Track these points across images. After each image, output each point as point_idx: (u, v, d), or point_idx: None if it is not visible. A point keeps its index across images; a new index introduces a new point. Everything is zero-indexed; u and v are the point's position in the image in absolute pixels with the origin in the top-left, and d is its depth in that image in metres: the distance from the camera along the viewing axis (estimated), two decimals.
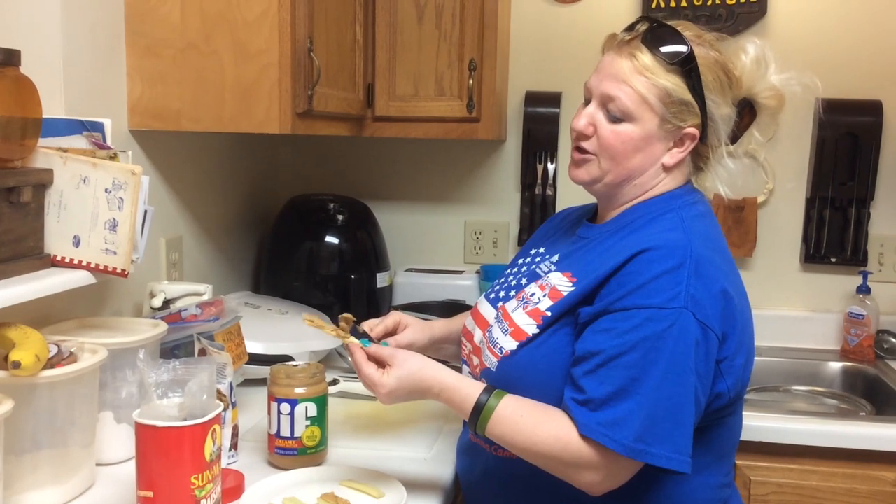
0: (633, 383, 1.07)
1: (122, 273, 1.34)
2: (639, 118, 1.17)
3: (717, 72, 1.18)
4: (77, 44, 1.49)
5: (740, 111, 1.24)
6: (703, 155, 1.24)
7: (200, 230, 2.02)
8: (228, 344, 1.52)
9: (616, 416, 1.07)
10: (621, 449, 1.07)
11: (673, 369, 1.07)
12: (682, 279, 1.09)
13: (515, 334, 1.22)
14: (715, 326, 1.11)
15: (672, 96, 1.16)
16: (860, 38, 2.26)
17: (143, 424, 1.08)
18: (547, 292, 1.21)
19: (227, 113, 1.61)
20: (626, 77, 1.17)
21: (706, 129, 1.19)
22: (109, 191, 1.33)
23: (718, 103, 1.19)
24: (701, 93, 1.17)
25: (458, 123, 2.08)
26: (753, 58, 1.21)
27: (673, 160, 1.21)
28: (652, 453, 1.07)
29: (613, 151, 1.20)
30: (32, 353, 1.14)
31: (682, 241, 1.13)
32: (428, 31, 2.06)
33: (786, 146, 2.32)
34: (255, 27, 1.57)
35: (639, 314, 1.09)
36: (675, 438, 1.08)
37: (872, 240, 2.29)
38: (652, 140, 1.19)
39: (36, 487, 1.20)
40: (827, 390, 2.18)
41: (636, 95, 1.17)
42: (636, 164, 1.20)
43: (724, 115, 1.20)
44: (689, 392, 1.09)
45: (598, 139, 1.21)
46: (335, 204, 2.26)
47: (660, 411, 1.07)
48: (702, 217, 1.22)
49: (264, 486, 1.29)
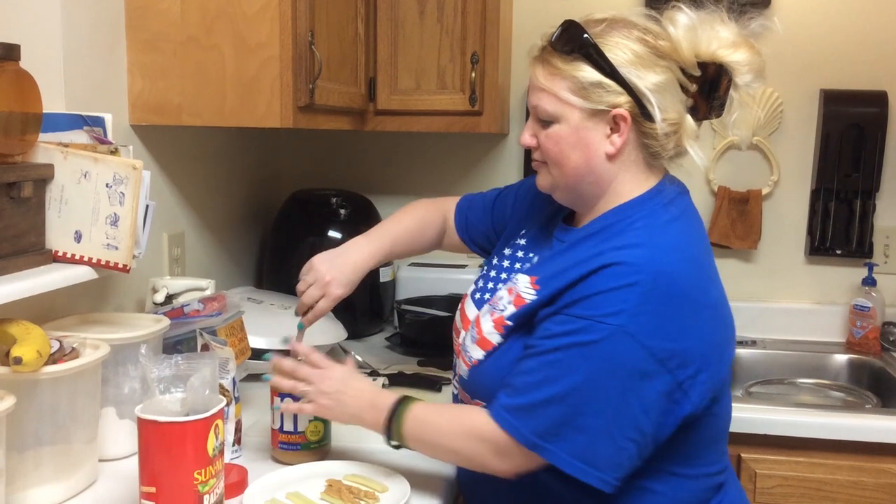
0: (548, 382, 1.10)
1: (124, 268, 1.34)
2: (562, 116, 1.18)
3: (632, 46, 1.15)
4: (77, 38, 1.48)
5: (713, 80, 1.19)
6: (652, 136, 1.18)
7: (202, 225, 2.02)
8: (231, 339, 1.52)
9: (524, 406, 1.12)
10: (520, 438, 1.12)
11: (591, 382, 1.08)
12: (630, 298, 1.08)
13: (481, 343, 1.25)
14: (662, 351, 1.08)
15: (582, 82, 1.15)
16: (865, 29, 2.24)
17: (146, 420, 1.08)
18: (513, 298, 1.23)
19: (228, 107, 1.60)
20: (541, 83, 1.19)
21: (643, 107, 1.15)
22: (110, 186, 1.32)
23: (642, 75, 1.14)
24: (612, 69, 1.14)
25: (460, 117, 2.07)
26: (684, 25, 1.17)
27: (613, 147, 1.18)
28: (548, 450, 1.10)
29: (552, 155, 1.21)
30: (34, 348, 1.14)
31: (643, 259, 1.10)
32: (430, 24, 2.05)
33: (790, 138, 2.31)
34: (255, 21, 1.57)
35: (575, 322, 1.10)
36: (576, 443, 1.09)
37: (878, 232, 2.28)
38: (583, 132, 1.17)
39: (39, 484, 1.20)
40: (832, 383, 2.17)
41: (552, 96, 1.18)
42: (577, 160, 1.19)
43: (654, 84, 1.15)
44: (604, 408, 1.08)
45: (540, 148, 1.23)
46: (337, 198, 2.26)
47: (566, 415, 1.09)
48: (674, 222, 1.19)
49: (268, 481, 1.29)
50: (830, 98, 2.25)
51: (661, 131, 1.16)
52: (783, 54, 2.28)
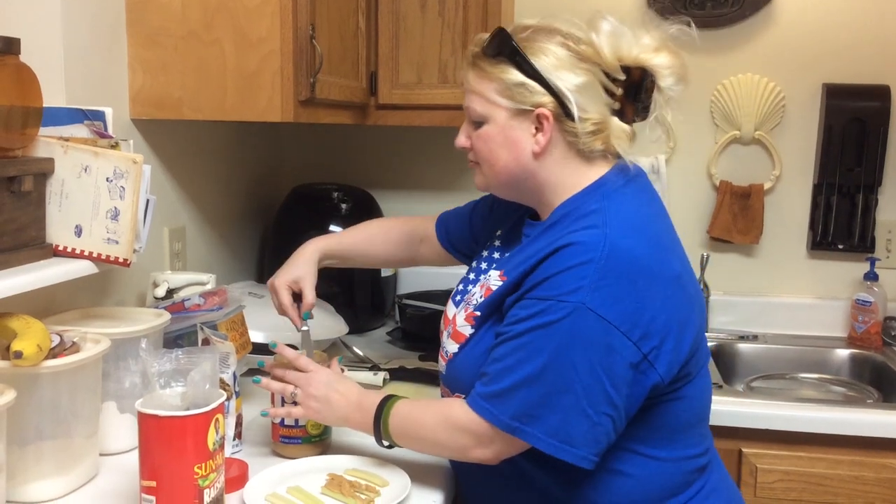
0: (518, 365, 1.13)
1: (125, 262, 1.34)
2: (490, 117, 1.23)
3: (554, 49, 1.20)
4: (78, 32, 1.48)
5: (637, 83, 1.23)
6: (572, 133, 1.21)
7: (203, 219, 2.02)
8: (232, 333, 1.52)
9: (498, 392, 1.14)
10: (498, 423, 1.14)
11: (558, 359, 1.11)
12: (586, 274, 1.11)
13: (455, 336, 1.30)
14: (624, 323, 1.11)
15: (507, 83, 1.21)
16: (867, 23, 2.23)
17: (146, 414, 1.08)
18: (483, 292, 1.28)
19: (229, 101, 1.60)
20: (471, 87, 1.25)
21: (565, 106, 1.19)
22: (111, 180, 1.32)
23: (563, 77, 1.19)
24: (534, 71, 1.19)
25: (461, 111, 2.05)
26: (607, 31, 1.22)
27: (538, 146, 1.22)
28: (525, 432, 1.13)
29: (482, 154, 1.27)
30: (34, 342, 1.14)
31: (597, 238, 1.14)
32: (431, 18, 2.05)
33: (793, 132, 2.30)
34: (256, 14, 1.56)
35: (538, 304, 1.13)
36: (551, 422, 1.12)
37: (880, 226, 2.27)
38: (509, 131, 1.23)
39: (40, 478, 1.20)
40: (834, 377, 2.17)
41: (481, 98, 1.24)
42: (506, 159, 1.24)
43: (575, 85, 1.19)
44: (574, 384, 1.11)
45: (473, 149, 1.29)
46: (339, 193, 2.26)
47: (539, 396, 1.12)
48: (627, 203, 1.21)
49: (268, 475, 1.29)
50: (833, 92, 2.24)
51: (582, 130, 1.20)
52: (785, 49, 2.27)
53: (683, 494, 1.24)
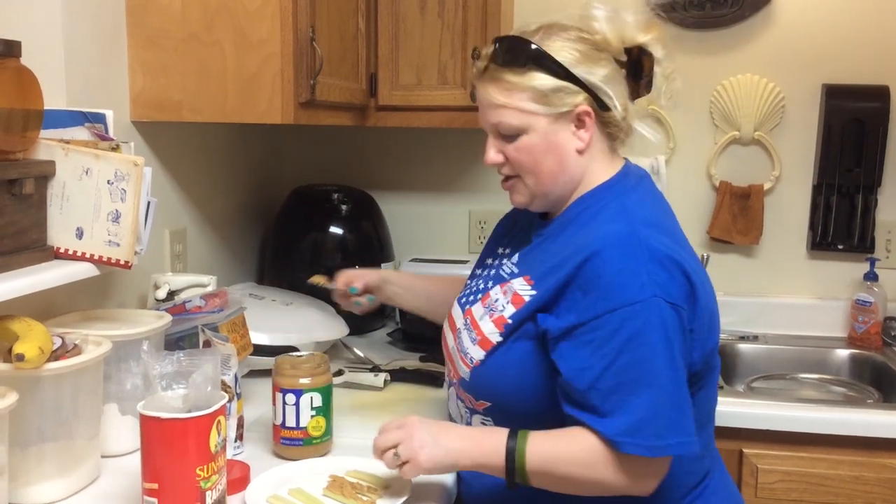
0: (634, 385, 1.10)
1: (126, 265, 1.34)
2: (529, 126, 1.21)
3: (575, 46, 1.21)
4: (78, 35, 1.48)
5: (636, 61, 1.25)
6: (613, 123, 1.25)
7: (204, 222, 2.02)
8: (233, 335, 1.52)
9: (632, 423, 1.09)
10: (648, 452, 1.10)
11: (661, 359, 1.10)
12: (640, 269, 1.11)
13: (482, 343, 1.25)
14: (683, 303, 1.14)
15: (542, 90, 1.20)
16: (867, 24, 2.23)
17: (148, 416, 1.08)
18: (510, 298, 1.24)
19: (230, 103, 1.60)
20: (497, 100, 1.22)
21: (599, 99, 1.21)
22: (112, 182, 1.32)
23: (592, 71, 1.21)
24: (566, 72, 1.19)
25: (461, 112, 2.07)
26: (605, 17, 1.23)
27: (583, 142, 1.23)
28: (670, 445, 1.11)
29: (526, 165, 1.24)
30: (36, 345, 1.14)
31: (625, 231, 1.15)
32: (430, 19, 2.05)
33: (792, 133, 2.30)
34: (256, 16, 1.56)
35: (613, 318, 1.10)
36: (683, 424, 1.11)
37: (880, 226, 2.27)
38: (552, 136, 1.22)
39: (41, 480, 1.20)
40: (834, 378, 2.17)
41: (514, 111, 1.21)
42: (552, 164, 1.23)
43: (603, 76, 1.21)
44: (681, 375, 1.12)
45: (510, 162, 1.26)
46: (339, 194, 2.26)
47: (664, 403, 1.10)
48: (642, 201, 1.24)
49: (270, 477, 1.29)
50: (832, 93, 2.24)
51: (619, 116, 1.23)
52: (785, 49, 2.27)
53: (689, 496, 1.24)
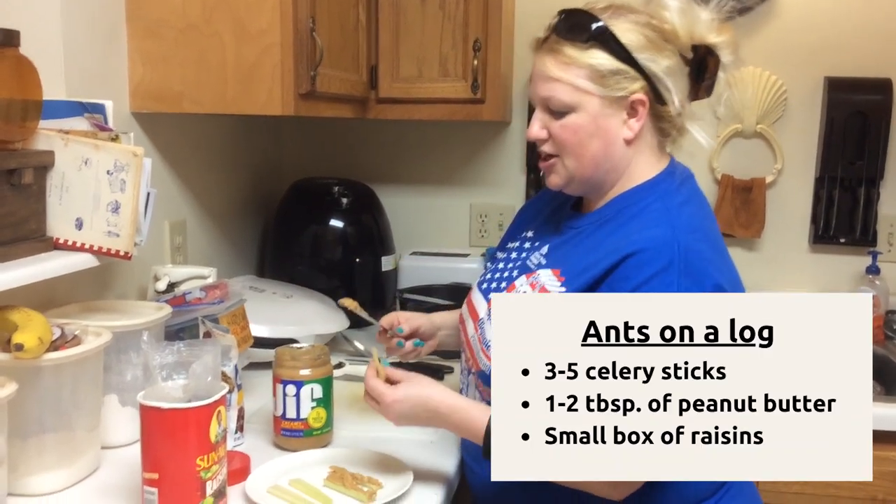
0: None
1: (126, 255, 1.34)
2: (579, 105, 1.17)
3: (642, 31, 1.16)
4: (77, 25, 1.47)
5: (701, 60, 1.21)
6: (667, 118, 1.20)
7: (204, 213, 2.01)
8: (233, 327, 1.52)
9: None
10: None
11: None
12: (672, 280, 1.08)
13: None
14: None
15: (600, 70, 1.15)
16: (869, 16, 2.23)
17: (148, 406, 1.08)
18: (537, 291, 1.21)
19: (229, 94, 1.60)
20: (552, 73, 1.17)
21: (657, 90, 1.17)
22: (111, 173, 1.32)
23: (655, 59, 1.16)
24: (629, 56, 1.15)
25: (462, 105, 2.06)
26: (677, 9, 1.18)
27: (632, 132, 1.18)
28: None
29: (569, 145, 1.19)
30: (35, 335, 1.13)
31: (668, 238, 1.11)
32: (432, 11, 2.04)
33: (794, 126, 2.29)
34: (256, 7, 1.56)
35: None
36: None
37: (882, 220, 2.27)
38: (602, 120, 1.17)
39: (41, 470, 1.20)
40: None
41: (567, 86, 1.16)
42: (596, 148, 1.19)
43: (666, 67, 1.17)
44: None
45: (553, 139, 1.21)
46: (339, 187, 2.25)
47: None
48: (687, 203, 1.20)
49: (270, 468, 1.29)
50: (834, 86, 2.24)
51: (675, 112, 1.18)
52: (787, 42, 2.27)
53: (712, 498, 1.23)
